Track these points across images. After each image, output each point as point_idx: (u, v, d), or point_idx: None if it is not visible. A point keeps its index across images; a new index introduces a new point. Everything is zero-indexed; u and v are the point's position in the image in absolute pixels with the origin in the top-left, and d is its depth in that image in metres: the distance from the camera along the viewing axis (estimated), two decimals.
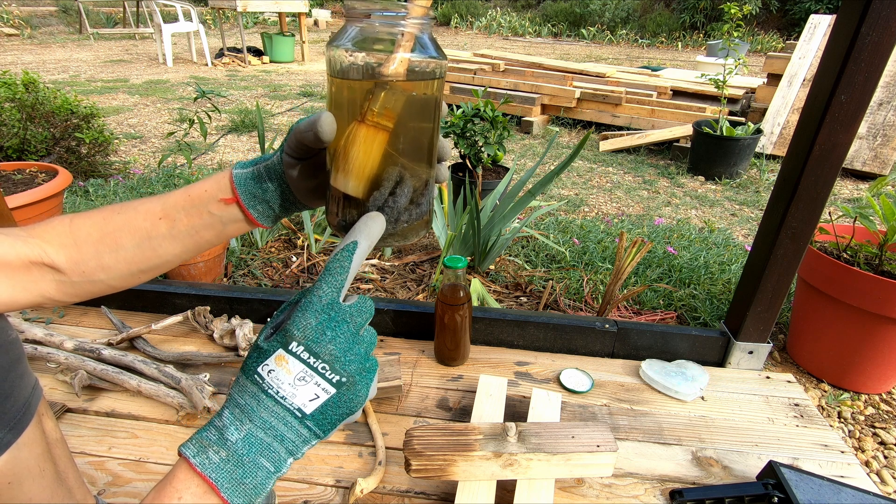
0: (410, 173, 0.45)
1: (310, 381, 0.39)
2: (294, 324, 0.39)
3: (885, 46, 0.82)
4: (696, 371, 1.08)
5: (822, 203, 0.95)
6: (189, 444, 0.39)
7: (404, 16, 0.40)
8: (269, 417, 0.39)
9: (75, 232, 0.48)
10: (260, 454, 0.39)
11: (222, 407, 0.40)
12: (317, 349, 0.39)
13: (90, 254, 0.48)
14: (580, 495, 0.81)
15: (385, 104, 0.41)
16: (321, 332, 0.39)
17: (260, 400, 0.39)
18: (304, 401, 0.39)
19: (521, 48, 8.98)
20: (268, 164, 0.50)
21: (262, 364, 0.39)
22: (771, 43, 9.30)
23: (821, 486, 0.78)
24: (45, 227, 0.48)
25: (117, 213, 0.50)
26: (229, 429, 0.39)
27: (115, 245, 0.49)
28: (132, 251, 0.49)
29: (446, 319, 1.02)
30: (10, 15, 8.96)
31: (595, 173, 3.13)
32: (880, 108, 3.11)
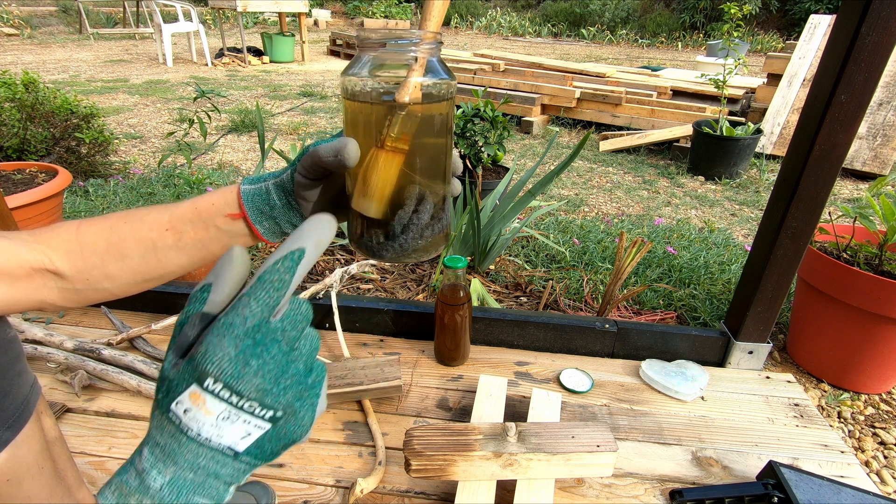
0: (429, 191, 0.46)
1: (237, 420, 0.32)
2: (207, 356, 0.31)
3: (885, 46, 0.82)
4: (696, 371, 1.08)
5: (822, 203, 0.95)
6: (107, 490, 0.33)
7: (417, 42, 0.41)
8: (195, 459, 0.32)
9: (81, 239, 0.48)
10: (194, 493, 0.33)
11: (142, 441, 0.34)
12: (239, 386, 0.31)
13: (95, 262, 0.48)
14: (580, 495, 0.81)
15: (402, 129, 0.42)
16: (244, 363, 0.31)
17: (181, 442, 0.32)
18: (234, 440, 0.32)
19: (521, 48, 8.98)
20: (277, 181, 0.50)
21: (175, 401, 0.32)
22: (771, 43, 9.30)
23: (821, 486, 0.78)
24: (51, 233, 0.47)
25: (123, 221, 0.49)
26: (150, 473, 0.32)
27: (121, 254, 0.49)
28: (137, 261, 0.49)
29: (446, 319, 1.02)
30: (10, 15, 8.96)
31: (595, 173, 3.13)
32: (880, 108, 3.11)
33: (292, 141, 3.40)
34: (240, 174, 2.83)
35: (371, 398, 0.98)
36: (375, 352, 1.14)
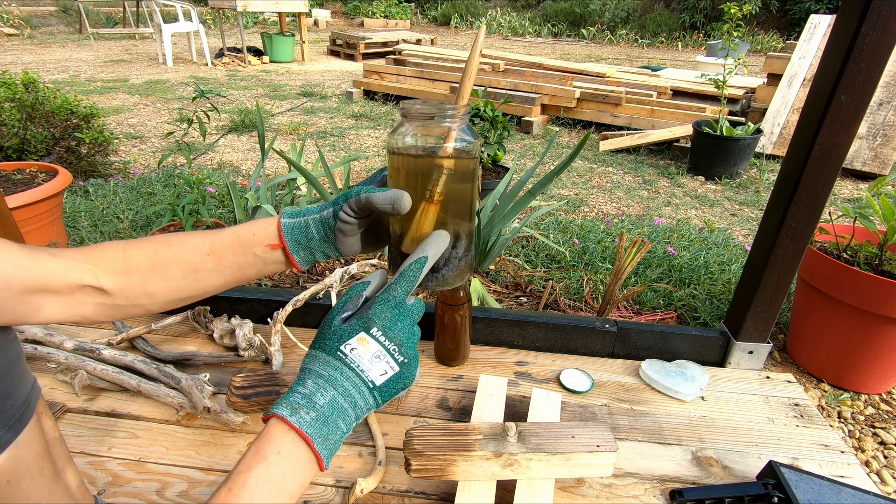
0: (463, 231, 0.56)
1: (383, 359, 0.48)
2: (375, 314, 0.48)
3: (885, 46, 0.82)
4: (696, 371, 1.08)
5: (822, 203, 0.95)
6: (280, 406, 0.45)
7: (454, 114, 0.50)
8: (349, 386, 0.47)
9: (128, 260, 0.53)
10: (339, 416, 0.46)
11: (301, 378, 0.47)
12: (391, 335, 0.48)
13: (138, 281, 0.53)
14: (580, 495, 0.81)
15: (445, 185, 0.51)
16: (394, 322, 0.48)
17: (343, 372, 0.47)
18: (376, 375, 0.47)
19: (521, 48, 8.98)
20: (317, 217, 0.57)
21: (345, 343, 0.47)
22: (771, 43, 9.30)
23: (821, 486, 0.78)
24: (99, 252, 0.52)
25: (167, 245, 0.55)
26: (316, 395, 0.46)
27: (164, 275, 0.54)
28: (178, 282, 0.55)
29: (446, 319, 1.02)
30: (10, 15, 8.96)
31: (595, 173, 3.13)
32: (880, 108, 3.11)
33: (292, 141, 3.40)
34: (240, 174, 2.83)
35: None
36: None
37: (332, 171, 1.93)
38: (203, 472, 0.83)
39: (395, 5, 12.07)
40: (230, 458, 0.86)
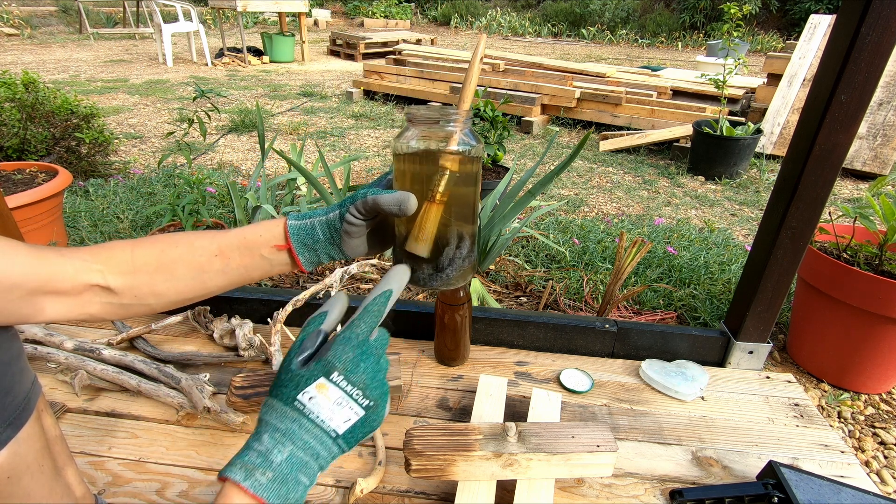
0: (466, 232, 0.57)
1: (345, 405, 0.45)
2: (336, 356, 0.45)
3: (885, 46, 0.82)
4: (696, 371, 1.08)
5: (822, 203, 0.95)
6: (233, 469, 0.42)
7: (456, 119, 0.52)
8: (309, 439, 0.44)
9: (136, 261, 0.53)
10: (299, 471, 0.43)
11: (258, 432, 0.45)
12: (353, 378, 0.45)
13: (145, 281, 0.53)
14: (580, 495, 0.81)
15: (447, 186, 0.52)
16: (356, 364, 0.45)
17: (301, 423, 0.44)
18: (339, 423, 0.45)
19: (521, 48, 8.98)
20: (323, 219, 0.57)
21: (303, 391, 0.44)
22: (771, 43, 9.30)
23: (821, 486, 0.78)
24: (109, 252, 0.53)
25: (175, 245, 0.55)
26: (273, 451, 0.43)
27: (171, 276, 0.54)
28: (185, 282, 0.55)
29: (446, 319, 1.02)
30: (10, 15, 8.96)
31: (595, 173, 3.13)
32: (880, 108, 3.11)
33: (292, 141, 3.40)
34: (240, 174, 2.83)
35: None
36: None
37: (332, 171, 1.93)
38: (203, 472, 0.83)
39: (395, 5, 12.06)
40: (230, 458, 0.86)
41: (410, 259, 0.56)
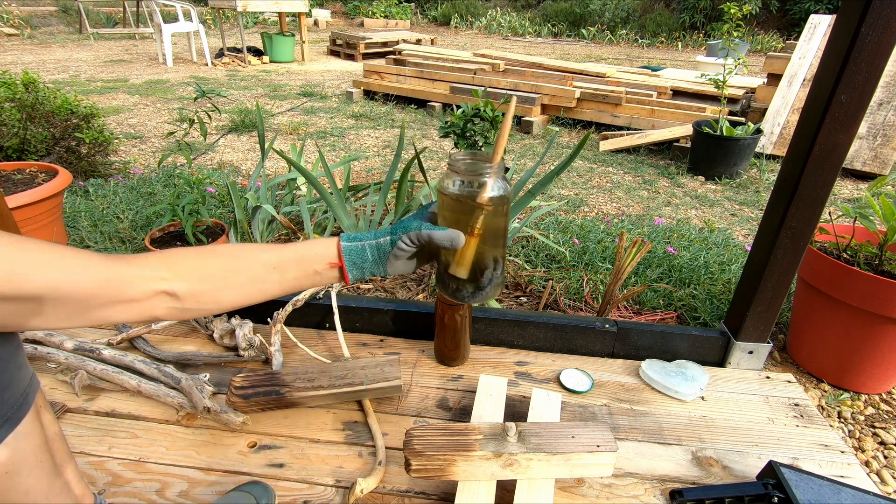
0: (499, 256, 0.70)
1: None
2: None
3: (885, 46, 0.82)
4: (696, 371, 1.08)
5: (822, 203, 0.95)
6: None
7: (491, 168, 0.64)
8: None
9: (202, 269, 0.58)
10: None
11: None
12: None
13: (209, 288, 0.59)
14: (580, 495, 0.81)
15: (483, 223, 0.64)
16: None
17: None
18: None
19: (521, 48, 8.98)
20: (374, 243, 0.67)
21: None
22: (771, 43, 9.30)
23: (821, 486, 0.78)
24: (176, 260, 0.58)
25: (236, 258, 0.62)
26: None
27: (232, 285, 0.60)
28: (244, 290, 0.61)
29: (446, 319, 1.02)
30: (10, 15, 8.96)
31: (595, 173, 3.13)
32: (880, 108, 3.11)
33: (292, 141, 3.40)
34: (240, 174, 2.83)
35: (371, 398, 0.98)
36: (375, 352, 1.14)
37: (332, 170, 1.93)
38: (203, 472, 0.83)
39: (395, 5, 12.06)
40: (230, 458, 0.86)
41: (454, 281, 0.68)
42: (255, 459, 0.86)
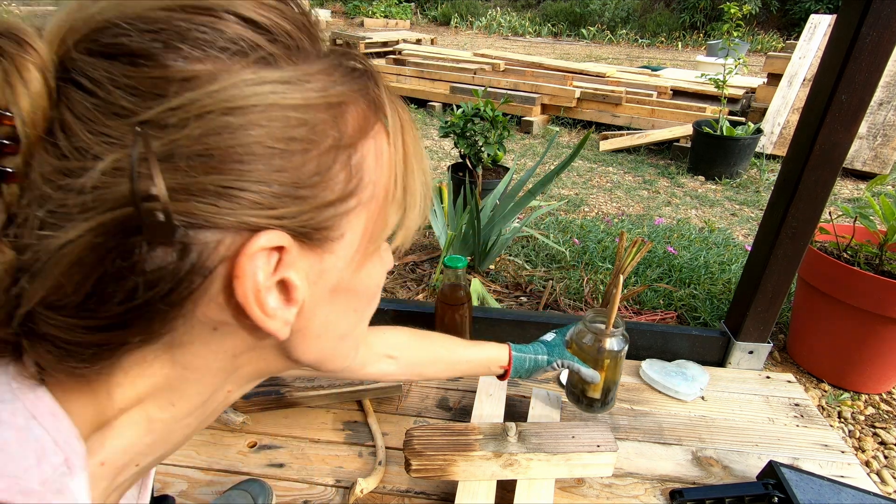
0: (616, 381, 0.88)
1: None
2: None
3: (886, 46, 0.82)
4: (696, 371, 1.08)
5: (823, 203, 0.95)
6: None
7: (607, 333, 0.82)
8: None
9: (421, 356, 0.78)
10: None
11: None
12: None
13: (419, 366, 0.78)
14: (580, 495, 0.81)
15: (606, 365, 0.84)
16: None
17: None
18: None
19: (521, 48, 8.98)
20: (534, 358, 0.83)
21: None
22: (771, 43, 9.30)
23: (821, 486, 0.78)
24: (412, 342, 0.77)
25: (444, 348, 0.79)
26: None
27: (432, 368, 0.79)
28: (438, 372, 0.81)
29: (446, 319, 1.02)
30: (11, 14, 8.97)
31: (595, 173, 3.13)
32: (880, 107, 3.12)
33: None
34: None
35: (371, 398, 0.98)
36: None
37: None
38: (203, 472, 0.83)
39: (395, 5, 12.06)
40: (230, 458, 0.86)
41: (587, 398, 0.88)
42: (255, 459, 0.86)
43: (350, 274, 0.34)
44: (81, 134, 0.24)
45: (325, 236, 0.31)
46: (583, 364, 0.83)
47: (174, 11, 0.25)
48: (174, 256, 0.26)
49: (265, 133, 0.26)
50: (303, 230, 0.29)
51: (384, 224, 0.35)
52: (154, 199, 0.24)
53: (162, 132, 0.24)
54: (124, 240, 0.25)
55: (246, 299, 0.28)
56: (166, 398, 0.32)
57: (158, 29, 0.25)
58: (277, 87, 0.27)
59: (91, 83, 0.25)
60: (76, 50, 0.25)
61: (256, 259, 0.28)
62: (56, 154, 0.24)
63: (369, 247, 0.34)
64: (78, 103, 0.24)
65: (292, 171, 0.28)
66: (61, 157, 0.24)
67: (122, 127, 0.24)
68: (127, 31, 0.25)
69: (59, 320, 0.26)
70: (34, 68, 0.24)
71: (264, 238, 0.27)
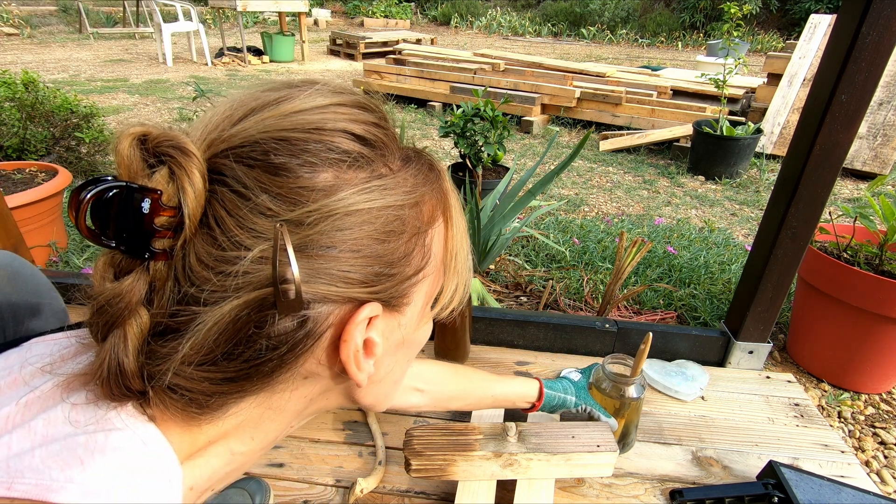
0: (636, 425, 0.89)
1: None
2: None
3: (886, 46, 0.82)
4: (696, 371, 1.08)
5: (823, 203, 0.95)
6: None
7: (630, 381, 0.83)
8: None
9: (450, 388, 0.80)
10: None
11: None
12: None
13: (444, 399, 0.80)
14: (580, 495, 0.81)
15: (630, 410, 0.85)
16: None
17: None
18: None
19: (521, 48, 8.98)
20: (563, 397, 0.86)
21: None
22: (771, 43, 9.30)
23: (821, 486, 0.78)
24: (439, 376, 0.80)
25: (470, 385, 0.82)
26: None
27: (458, 401, 0.82)
28: (465, 405, 0.84)
29: (446, 319, 1.02)
30: (10, 14, 8.96)
31: (595, 173, 3.13)
32: (880, 107, 3.11)
33: None
34: None
35: None
36: None
37: None
38: None
39: (395, 5, 12.06)
40: None
41: None
42: None
43: (412, 331, 0.41)
44: (234, 228, 0.30)
45: (402, 302, 0.38)
46: (604, 412, 0.85)
47: (300, 132, 0.32)
48: (295, 324, 0.32)
49: (372, 228, 0.33)
50: (388, 299, 0.36)
51: (438, 288, 0.42)
52: (289, 281, 0.29)
53: (298, 229, 0.31)
54: (261, 312, 0.30)
55: (348, 358, 0.34)
56: (248, 434, 0.37)
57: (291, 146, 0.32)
58: (381, 192, 0.34)
59: (242, 187, 0.31)
60: (221, 156, 0.31)
61: (360, 326, 0.34)
62: (211, 242, 0.30)
63: (426, 308, 0.42)
64: (229, 202, 0.30)
65: (388, 256, 0.34)
66: (217, 247, 0.30)
67: (267, 224, 0.30)
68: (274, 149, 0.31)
69: (191, 373, 0.31)
70: (198, 172, 0.30)
71: (368, 310, 0.34)
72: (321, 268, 0.31)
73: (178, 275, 0.30)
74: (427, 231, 0.38)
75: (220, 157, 0.31)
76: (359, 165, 0.34)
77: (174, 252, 0.30)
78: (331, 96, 0.34)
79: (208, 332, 0.30)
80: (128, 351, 0.30)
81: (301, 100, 0.33)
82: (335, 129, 0.33)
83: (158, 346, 0.30)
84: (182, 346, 0.30)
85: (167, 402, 0.32)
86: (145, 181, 0.29)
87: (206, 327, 0.30)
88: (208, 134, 0.32)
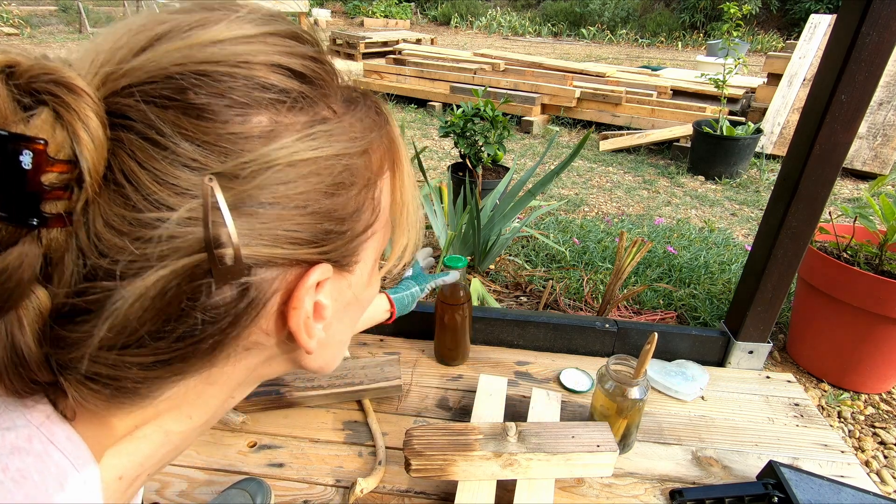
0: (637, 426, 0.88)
1: None
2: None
3: (886, 46, 0.82)
4: (696, 371, 1.08)
5: (822, 203, 0.95)
6: None
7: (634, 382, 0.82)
8: None
9: None
10: None
11: None
12: None
13: None
14: (580, 495, 0.81)
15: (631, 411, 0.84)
16: None
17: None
18: None
19: (521, 48, 8.98)
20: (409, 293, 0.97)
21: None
22: (771, 43, 9.30)
23: (821, 485, 0.78)
24: None
25: None
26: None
27: None
28: None
29: (446, 319, 1.02)
30: (10, 14, 8.96)
31: (595, 173, 3.13)
32: (880, 107, 3.11)
33: None
34: None
35: (371, 398, 0.98)
36: (375, 351, 1.14)
37: None
38: (203, 471, 0.83)
39: (395, 5, 12.06)
40: (230, 458, 0.86)
41: None
42: (254, 459, 0.86)
43: (361, 290, 0.38)
44: (150, 184, 0.25)
45: (352, 261, 0.35)
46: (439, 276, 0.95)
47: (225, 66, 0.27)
48: (235, 293, 0.28)
49: (319, 180, 0.29)
50: (338, 259, 0.33)
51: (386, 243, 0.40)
52: (225, 245, 0.26)
53: (232, 183, 0.26)
54: (193, 282, 0.26)
55: (298, 327, 0.31)
56: (185, 412, 0.33)
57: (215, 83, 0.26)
58: (327, 139, 0.30)
59: (156, 133, 0.25)
60: (123, 94, 0.25)
61: (310, 290, 0.31)
62: (122, 203, 0.24)
63: (376, 265, 0.39)
64: (141, 152, 0.25)
65: (338, 211, 0.31)
66: (131, 208, 0.24)
67: (193, 178, 0.25)
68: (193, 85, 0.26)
69: (115, 360, 0.26)
70: (93, 115, 0.24)
71: (318, 272, 0.31)
72: (262, 227, 0.27)
73: (83, 245, 0.24)
74: (376, 182, 0.35)
75: (122, 94, 0.25)
76: (299, 108, 0.29)
77: (73, 217, 0.24)
78: (259, 24, 0.29)
79: (129, 311, 0.25)
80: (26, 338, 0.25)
81: (224, 26, 0.28)
82: (268, 63, 0.28)
83: (66, 332, 0.25)
84: (98, 328, 0.25)
85: (85, 393, 0.27)
86: (21, 127, 0.22)
87: (127, 305, 0.25)
88: (100, 66, 0.26)
